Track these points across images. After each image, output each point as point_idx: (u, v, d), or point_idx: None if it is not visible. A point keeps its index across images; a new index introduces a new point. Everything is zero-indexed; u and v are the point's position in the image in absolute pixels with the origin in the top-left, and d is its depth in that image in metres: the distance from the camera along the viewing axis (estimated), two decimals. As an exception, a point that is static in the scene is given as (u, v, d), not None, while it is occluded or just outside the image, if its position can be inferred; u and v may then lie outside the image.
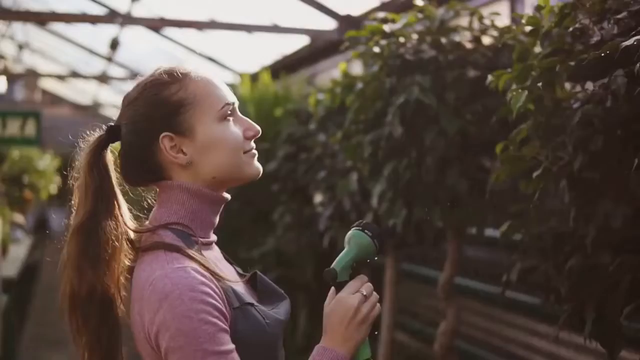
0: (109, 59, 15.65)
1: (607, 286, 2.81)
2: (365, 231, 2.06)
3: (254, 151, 2.10)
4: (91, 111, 24.34)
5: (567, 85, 2.98)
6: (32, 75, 20.23)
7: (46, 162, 13.88)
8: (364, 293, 2.00)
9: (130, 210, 2.12)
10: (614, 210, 2.71)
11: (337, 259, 2.06)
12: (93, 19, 11.34)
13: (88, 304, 1.97)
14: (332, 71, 10.37)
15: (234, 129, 2.07)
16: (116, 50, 12.88)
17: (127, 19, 10.73)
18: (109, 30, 12.35)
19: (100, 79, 17.81)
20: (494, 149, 3.23)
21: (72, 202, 2.06)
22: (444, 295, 4.54)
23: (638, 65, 2.40)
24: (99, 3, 11.59)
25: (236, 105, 2.11)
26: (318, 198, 5.91)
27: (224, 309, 1.90)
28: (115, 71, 17.20)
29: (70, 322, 2.00)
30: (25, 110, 11.84)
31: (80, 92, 22.68)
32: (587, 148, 2.72)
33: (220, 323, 1.87)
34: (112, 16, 11.04)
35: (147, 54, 14.83)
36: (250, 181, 2.14)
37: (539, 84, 2.87)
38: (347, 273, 2.05)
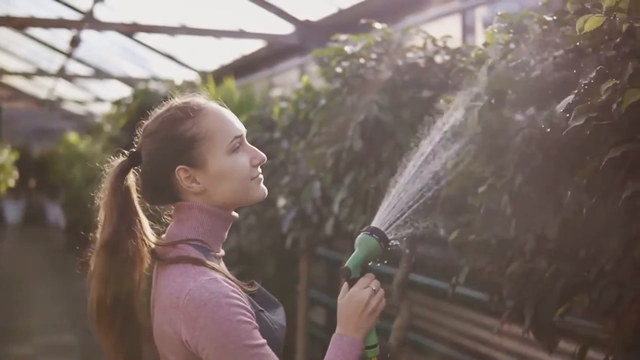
0: (69, 55, 15.59)
1: (544, 289, 3.00)
2: (373, 235, 2.27)
3: (260, 176, 2.31)
4: (50, 105, 24.09)
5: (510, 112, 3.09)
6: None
7: (4, 156, 13.91)
8: (374, 288, 2.23)
9: (151, 225, 2.31)
10: (550, 221, 2.88)
11: (350, 259, 2.28)
12: (65, 24, 11.33)
13: (113, 311, 2.17)
14: (290, 72, 10.52)
15: (242, 159, 2.25)
16: (77, 47, 12.91)
17: (100, 24, 10.77)
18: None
19: (64, 76, 17.66)
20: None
21: (98, 219, 2.26)
22: (398, 291, 4.66)
23: (571, 98, 2.56)
24: (67, 5, 11.62)
25: (244, 135, 2.29)
26: (281, 202, 5.97)
27: (252, 310, 2.12)
28: (76, 67, 17.08)
29: (98, 327, 2.20)
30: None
31: (40, 87, 22.42)
32: (527, 166, 2.89)
33: (254, 322, 2.08)
34: (84, 21, 11.04)
35: (108, 50, 14.82)
36: (258, 202, 2.36)
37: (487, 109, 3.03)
38: (359, 271, 2.28)
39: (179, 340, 2.10)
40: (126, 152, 2.31)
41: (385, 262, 2.34)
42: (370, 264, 2.33)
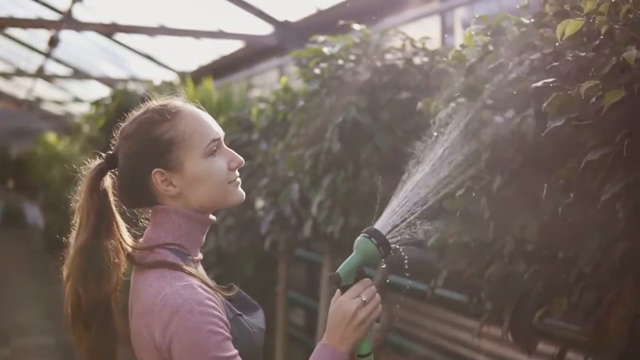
0: (47, 55, 15.55)
1: (523, 291, 2.99)
2: (372, 239, 2.15)
3: (238, 180, 2.27)
4: (29, 105, 24.02)
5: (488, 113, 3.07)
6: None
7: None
8: (364, 299, 2.12)
9: (128, 229, 2.30)
10: (529, 224, 2.88)
11: (343, 263, 2.16)
12: (44, 24, 11.30)
13: (89, 315, 2.16)
14: (268, 73, 10.52)
15: (219, 162, 2.23)
16: (56, 47, 12.86)
17: (80, 25, 10.75)
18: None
19: (43, 77, 17.61)
20: None
21: (74, 222, 2.24)
22: (378, 292, 4.62)
23: (545, 104, 2.56)
24: (45, 5, 11.59)
25: (222, 138, 2.27)
26: (260, 203, 5.97)
27: (225, 319, 2.09)
28: (55, 68, 17.04)
29: (74, 331, 2.18)
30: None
31: (18, 87, 22.34)
32: (505, 169, 2.90)
33: (225, 332, 2.05)
34: (63, 21, 11.02)
35: (87, 51, 14.79)
36: (235, 206, 2.33)
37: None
38: (352, 277, 2.15)
39: (154, 344, 2.09)
40: (103, 154, 2.29)
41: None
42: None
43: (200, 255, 2.33)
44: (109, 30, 11.38)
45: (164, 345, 2.05)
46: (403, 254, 2.21)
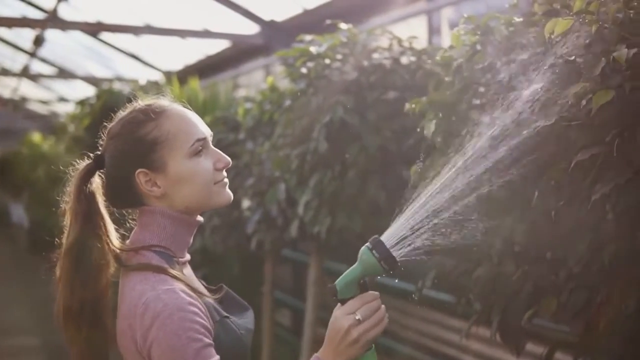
0: (32, 54, 15.51)
1: (512, 292, 2.96)
2: (374, 251, 2.03)
3: (225, 180, 2.24)
4: (14, 105, 23.96)
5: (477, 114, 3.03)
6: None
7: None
8: (357, 317, 2.04)
9: (117, 230, 2.28)
10: (517, 224, 2.85)
11: (343, 275, 2.06)
12: (29, 23, 11.26)
13: (80, 316, 2.15)
14: (254, 73, 10.50)
15: (204, 163, 2.20)
16: (41, 46, 12.85)
17: (65, 24, 10.71)
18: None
19: (28, 76, 17.57)
20: (411, 163, 3.33)
21: (64, 223, 2.23)
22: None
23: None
24: (30, 4, 11.55)
25: (209, 138, 2.25)
26: (246, 203, 5.97)
27: (208, 325, 2.06)
28: (40, 67, 17.00)
29: (65, 332, 2.17)
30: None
31: (3, 87, 22.28)
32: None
33: (206, 339, 2.02)
34: (48, 20, 10.99)
35: (72, 50, 14.76)
36: (223, 207, 2.30)
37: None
38: (351, 289, 2.05)
39: (136, 347, 2.08)
40: (91, 154, 2.28)
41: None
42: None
43: (187, 257, 2.31)
44: (94, 30, 11.35)
45: (144, 349, 2.04)
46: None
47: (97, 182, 2.26)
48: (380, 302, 2.10)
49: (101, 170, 2.27)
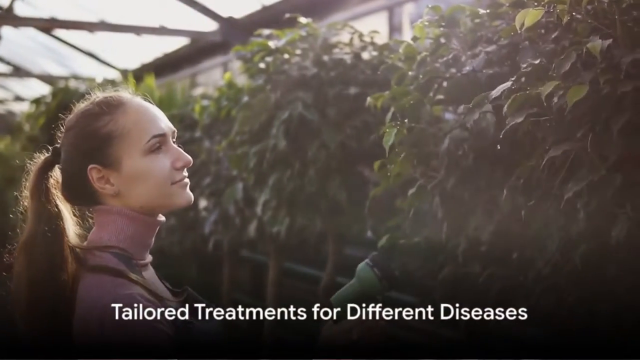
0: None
1: (478, 294, 2.93)
2: (375, 269, 1.94)
3: (185, 180, 2.12)
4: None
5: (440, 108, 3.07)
6: None
7: None
8: (354, 337, 1.97)
9: (80, 225, 2.17)
10: (483, 223, 2.80)
11: (339, 291, 1.97)
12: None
13: (37, 314, 2.04)
14: (213, 71, 10.46)
15: (161, 161, 2.08)
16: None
17: (17, 20, 10.62)
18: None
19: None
20: (373, 160, 3.28)
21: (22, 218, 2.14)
22: (324, 294, 4.62)
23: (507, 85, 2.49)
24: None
25: (169, 134, 2.12)
26: (203, 203, 5.93)
27: (168, 331, 1.97)
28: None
29: (23, 330, 2.07)
30: None
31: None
32: (458, 167, 2.81)
33: (162, 346, 1.94)
34: (2, 17, 10.89)
35: (28, 48, 14.66)
36: (182, 208, 2.19)
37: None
38: (346, 308, 1.94)
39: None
40: (50, 147, 2.17)
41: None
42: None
43: (148, 258, 2.17)
44: (48, 26, 11.25)
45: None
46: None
47: (56, 177, 2.15)
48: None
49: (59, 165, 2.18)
